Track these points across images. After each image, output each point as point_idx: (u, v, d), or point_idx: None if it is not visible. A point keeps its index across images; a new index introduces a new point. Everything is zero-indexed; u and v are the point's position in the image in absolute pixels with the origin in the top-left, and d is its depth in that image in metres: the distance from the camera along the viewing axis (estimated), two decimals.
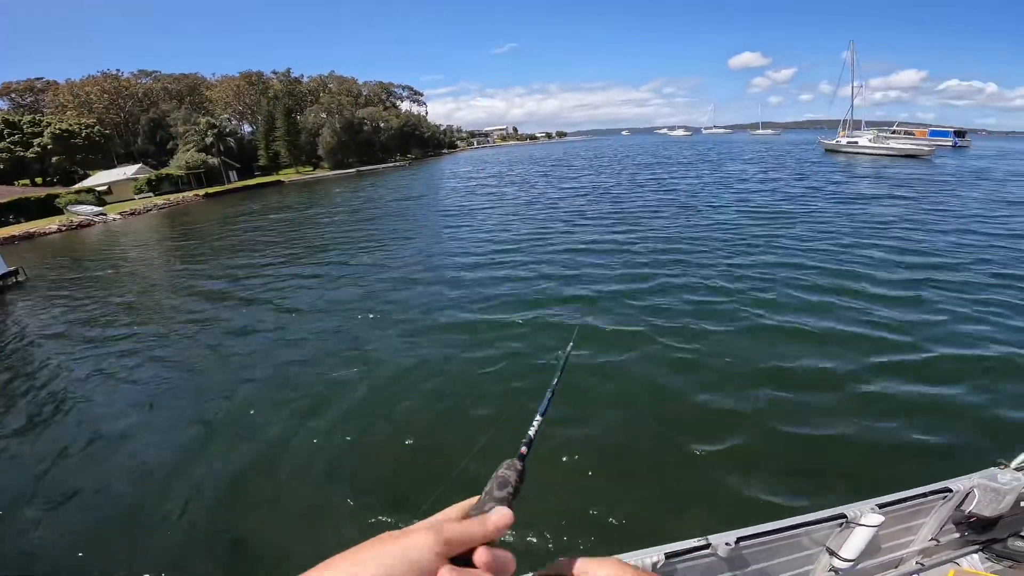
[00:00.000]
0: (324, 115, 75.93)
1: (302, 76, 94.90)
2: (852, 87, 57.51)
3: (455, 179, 42.30)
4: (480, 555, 0.46)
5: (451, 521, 0.48)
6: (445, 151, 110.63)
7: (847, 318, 7.69)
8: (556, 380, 0.65)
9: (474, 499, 0.52)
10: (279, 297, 11.35)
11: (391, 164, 77.43)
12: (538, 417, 0.59)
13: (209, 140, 58.14)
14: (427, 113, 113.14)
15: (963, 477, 2.56)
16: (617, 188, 27.14)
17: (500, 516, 0.49)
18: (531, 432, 0.57)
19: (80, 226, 34.34)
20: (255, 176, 69.17)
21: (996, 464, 2.62)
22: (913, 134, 61.03)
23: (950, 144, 65.10)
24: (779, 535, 2.17)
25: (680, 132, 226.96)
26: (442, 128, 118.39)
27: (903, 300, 8.42)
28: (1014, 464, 2.60)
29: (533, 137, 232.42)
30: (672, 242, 13.41)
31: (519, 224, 17.79)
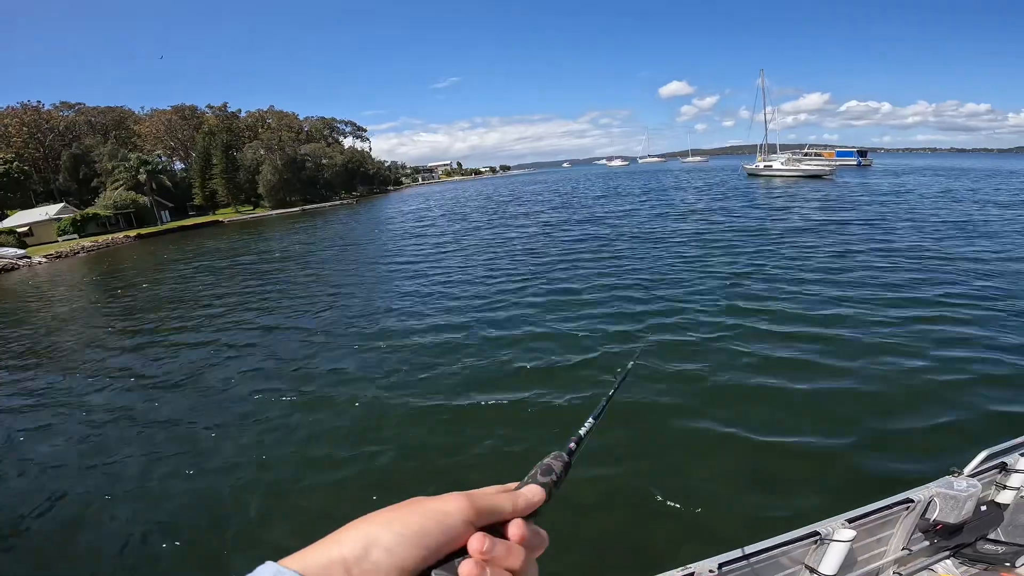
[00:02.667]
0: (264, 151, 72.82)
1: (239, 111, 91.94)
2: (765, 112, 62.85)
3: (405, 218, 40.80)
4: (514, 528, 0.46)
5: (484, 493, 0.49)
6: (391, 188, 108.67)
7: (813, 349, 7.63)
8: (612, 391, 0.64)
9: (514, 484, 0.52)
10: (216, 358, 10.04)
11: (337, 202, 75.40)
12: (590, 420, 0.58)
13: (142, 177, 55.30)
14: (371, 149, 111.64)
15: (921, 487, 2.67)
16: (570, 223, 26.70)
17: (532, 492, 0.49)
18: (581, 432, 0.56)
19: (3, 270, 31.73)
20: (190, 216, 65.96)
21: (950, 472, 2.72)
22: (822, 155, 67.06)
23: (855, 164, 72.09)
24: (759, 557, 2.26)
25: (618, 162, 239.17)
26: (387, 164, 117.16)
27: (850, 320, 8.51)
28: (967, 471, 2.70)
29: (478, 172, 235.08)
30: (644, 275, 13.52)
31: (489, 271, 16.28)
